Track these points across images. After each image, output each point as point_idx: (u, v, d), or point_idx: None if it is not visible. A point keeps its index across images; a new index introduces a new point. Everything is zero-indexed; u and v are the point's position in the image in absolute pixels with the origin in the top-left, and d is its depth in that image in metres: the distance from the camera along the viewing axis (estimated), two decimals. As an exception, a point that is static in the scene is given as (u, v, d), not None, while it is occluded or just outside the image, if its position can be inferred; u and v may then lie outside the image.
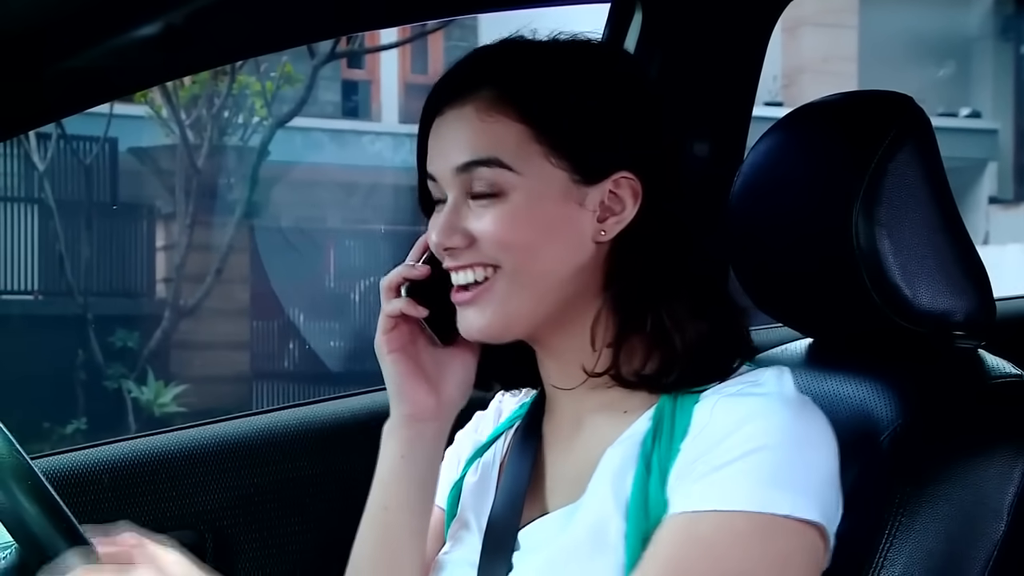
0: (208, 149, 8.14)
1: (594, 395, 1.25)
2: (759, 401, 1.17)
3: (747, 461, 1.13)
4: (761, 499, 1.12)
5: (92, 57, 1.29)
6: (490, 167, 1.20)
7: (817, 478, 1.16)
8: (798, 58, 11.56)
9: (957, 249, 1.38)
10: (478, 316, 1.22)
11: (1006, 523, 1.29)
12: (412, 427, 1.29)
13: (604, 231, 1.22)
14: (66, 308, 8.16)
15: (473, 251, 1.21)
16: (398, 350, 1.28)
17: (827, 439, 1.18)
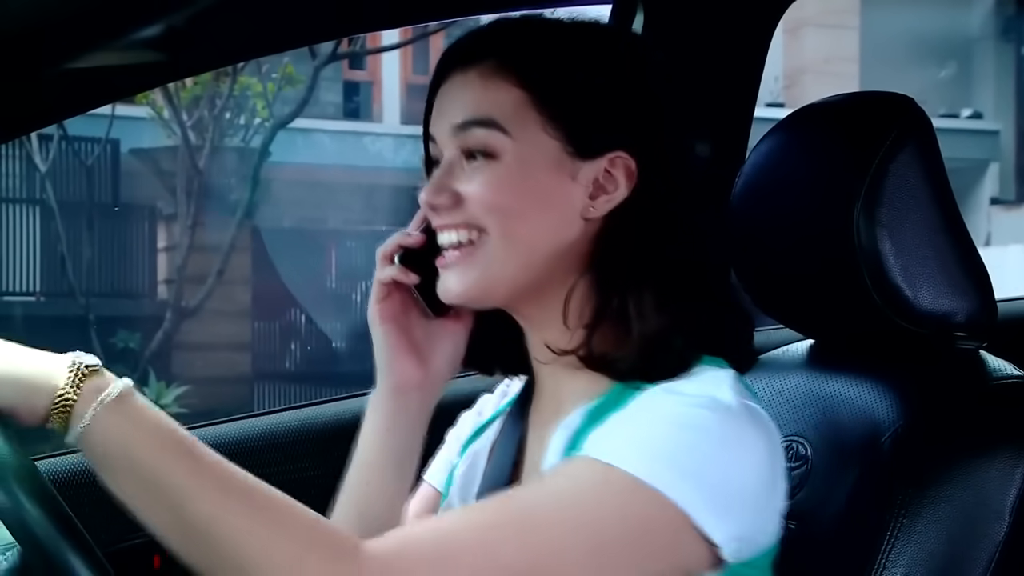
0: (209, 150, 8.15)
1: (573, 378, 1.24)
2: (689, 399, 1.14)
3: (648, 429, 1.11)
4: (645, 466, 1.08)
5: (94, 58, 1.29)
6: (485, 128, 1.20)
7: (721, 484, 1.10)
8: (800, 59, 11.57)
9: (958, 250, 1.38)
10: (458, 279, 1.22)
11: (1008, 524, 1.29)
12: (397, 399, 1.29)
13: (594, 208, 1.21)
14: (67, 309, 8.17)
15: (460, 211, 1.21)
16: (390, 320, 1.28)
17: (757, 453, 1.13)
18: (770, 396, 1.47)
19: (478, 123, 1.20)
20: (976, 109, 12.37)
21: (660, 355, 1.18)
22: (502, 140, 1.20)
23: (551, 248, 1.21)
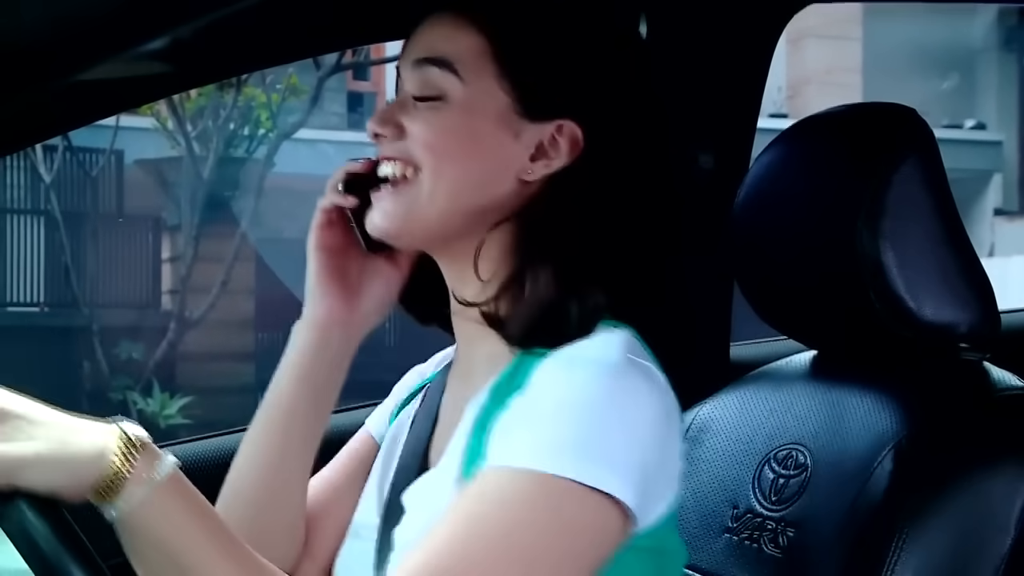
0: (214, 161, 8.17)
1: (483, 340, 1.23)
2: (577, 365, 1.13)
3: (548, 422, 1.10)
4: (551, 460, 1.08)
5: (100, 70, 1.29)
6: (439, 67, 1.20)
7: (623, 449, 1.10)
8: (802, 70, 11.59)
9: (961, 261, 1.38)
10: (383, 214, 1.23)
11: (1013, 537, 1.29)
12: (320, 331, 1.28)
13: (531, 171, 1.20)
14: (72, 320, 8.19)
15: (399, 144, 1.22)
16: (328, 249, 1.29)
17: (645, 409, 1.13)
18: (772, 406, 1.47)
19: (434, 61, 1.21)
20: (979, 120, 12.38)
21: (551, 322, 1.18)
22: (453, 83, 1.20)
23: (478, 199, 1.21)
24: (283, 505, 1.30)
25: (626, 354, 1.14)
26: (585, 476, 1.08)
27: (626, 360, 1.14)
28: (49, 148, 8.06)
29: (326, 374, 1.30)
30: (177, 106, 7.89)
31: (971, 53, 12.34)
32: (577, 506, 1.08)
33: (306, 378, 1.29)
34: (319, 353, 1.29)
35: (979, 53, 12.41)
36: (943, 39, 11.94)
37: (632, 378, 1.13)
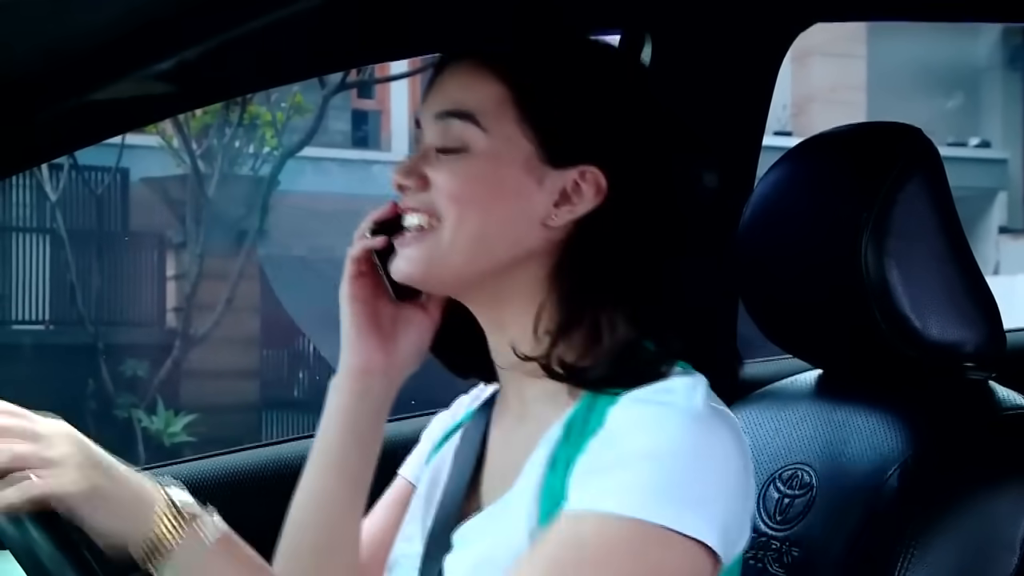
0: (219, 179, 8.17)
1: (536, 384, 1.24)
2: (663, 410, 1.15)
3: (637, 467, 1.11)
4: (642, 506, 1.10)
5: (107, 91, 1.30)
6: (461, 119, 1.22)
7: (710, 495, 1.13)
8: (807, 87, 11.60)
9: (967, 280, 1.38)
10: (406, 259, 1.24)
11: (1018, 556, 1.29)
12: (360, 380, 1.30)
13: (555, 216, 1.21)
14: (77, 337, 8.18)
15: (424, 196, 1.23)
16: (360, 299, 1.30)
17: (730, 457, 1.15)
18: (777, 425, 1.47)
19: (456, 114, 1.22)
20: (984, 138, 12.38)
21: (630, 365, 1.19)
22: (475, 134, 1.21)
23: (505, 248, 1.22)
24: (341, 551, 1.31)
25: (708, 401, 1.16)
26: (676, 522, 1.10)
27: (709, 407, 1.16)
28: (55, 167, 8.06)
29: (370, 421, 1.30)
30: (182, 124, 7.90)
31: (976, 71, 12.35)
32: (666, 552, 1.10)
33: (352, 427, 1.30)
34: (362, 401, 1.30)
35: (984, 71, 12.41)
36: (948, 57, 11.96)
37: (716, 425, 1.15)
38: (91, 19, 1.13)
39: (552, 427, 1.21)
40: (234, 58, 1.40)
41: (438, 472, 1.34)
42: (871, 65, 11.89)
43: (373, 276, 1.30)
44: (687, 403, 1.15)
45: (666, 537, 1.10)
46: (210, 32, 1.18)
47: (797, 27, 1.94)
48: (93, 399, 7.77)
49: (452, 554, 1.23)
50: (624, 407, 1.16)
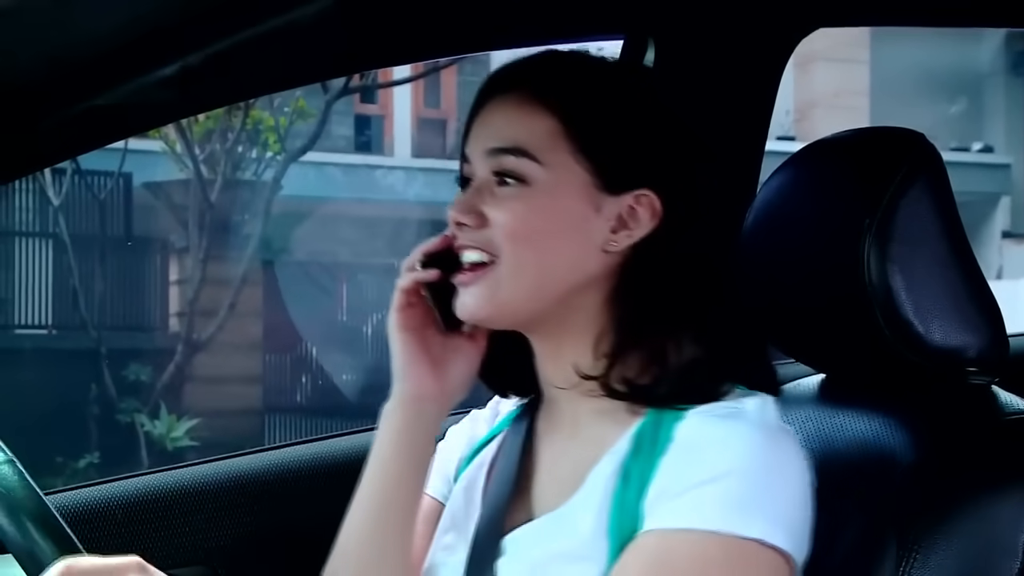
0: (222, 184, 8.17)
1: (590, 401, 1.26)
2: (738, 426, 1.17)
3: (720, 483, 1.14)
4: (731, 521, 1.13)
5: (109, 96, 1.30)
6: (516, 156, 1.23)
7: (787, 507, 1.16)
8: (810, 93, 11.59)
9: (970, 285, 1.38)
10: (472, 298, 1.25)
11: (1021, 560, 1.28)
12: (413, 406, 1.30)
13: (614, 242, 1.24)
14: (79, 342, 8.18)
15: (482, 234, 1.24)
16: (409, 329, 1.31)
17: (799, 471, 1.19)
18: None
19: (510, 151, 1.23)
20: (987, 143, 12.36)
21: (696, 384, 1.22)
22: (533, 168, 1.23)
23: (567, 278, 1.24)
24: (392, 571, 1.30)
25: (777, 418, 1.20)
26: (765, 534, 1.13)
27: (779, 424, 1.20)
28: (58, 171, 8.06)
29: (423, 447, 1.31)
30: (185, 129, 7.90)
31: (979, 77, 12.34)
32: (757, 565, 1.14)
33: (407, 452, 1.30)
34: (415, 426, 1.31)
35: (987, 77, 12.40)
36: (951, 63, 11.95)
37: (787, 441, 1.19)
38: (94, 26, 1.13)
39: (618, 441, 1.23)
40: (237, 63, 1.40)
41: (472, 482, 1.36)
42: (874, 70, 11.88)
43: (422, 306, 1.32)
44: (760, 419, 1.19)
45: (757, 550, 1.13)
46: (213, 38, 1.18)
47: (800, 32, 1.94)
48: (96, 403, 7.76)
49: (505, 559, 1.24)
50: (696, 424, 1.19)
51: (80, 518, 1.62)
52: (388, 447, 1.31)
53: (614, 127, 1.24)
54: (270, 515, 1.76)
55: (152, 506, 1.70)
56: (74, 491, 1.69)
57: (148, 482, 1.73)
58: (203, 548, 1.70)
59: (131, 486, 1.72)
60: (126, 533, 1.66)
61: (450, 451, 1.42)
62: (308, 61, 1.61)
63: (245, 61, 1.42)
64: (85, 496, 1.67)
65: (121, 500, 1.68)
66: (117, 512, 1.66)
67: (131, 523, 1.67)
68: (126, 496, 1.69)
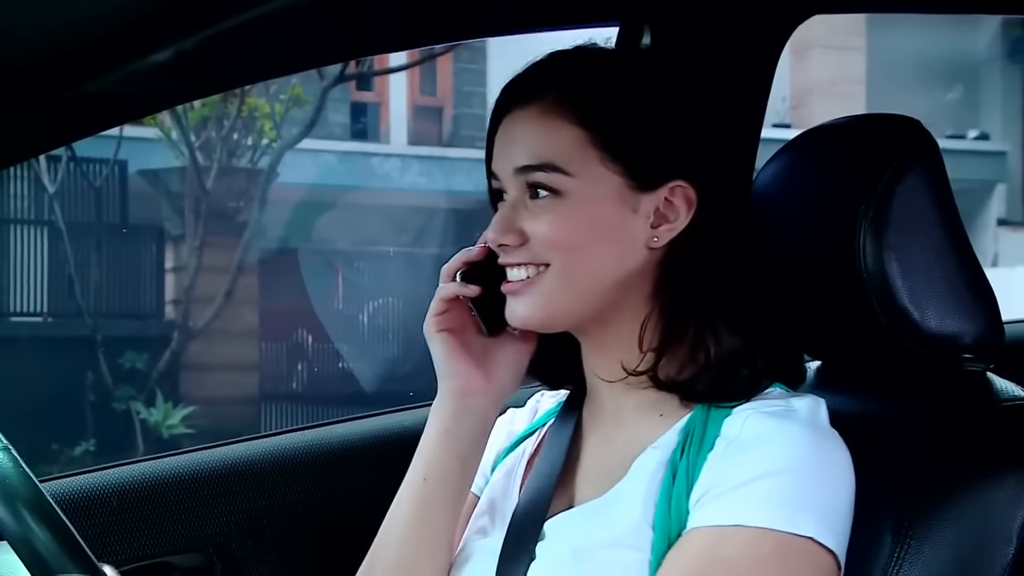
0: (217, 171, 8.16)
1: (635, 393, 1.27)
2: (790, 425, 1.18)
3: (772, 480, 1.15)
4: (785, 519, 1.14)
5: (104, 82, 1.30)
6: (546, 172, 1.23)
7: (836, 508, 1.17)
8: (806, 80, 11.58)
9: (965, 272, 1.38)
10: (523, 307, 1.26)
11: (1016, 547, 1.29)
12: (458, 401, 1.31)
13: (657, 238, 1.25)
14: (75, 330, 8.17)
15: (525, 250, 1.25)
16: (447, 330, 1.31)
17: (848, 473, 1.20)
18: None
19: (540, 167, 1.23)
20: (983, 130, 12.36)
21: (735, 376, 1.23)
22: (565, 181, 1.23)
23: (614, 279, 1.24)
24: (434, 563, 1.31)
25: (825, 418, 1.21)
26: (817, 532, 1.14)
27: (830, 427, 1.21)
28: (53, 159, 8.05)
29: (468, 443, 1.31)
30: (181, 116, 7.89)
31: (975, 64, 12.33)
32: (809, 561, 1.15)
33: (449, 449, 1.31)
34: (463, 420, 1.31)
35: (983, 64, 12.40)
36: (947, 50, 11.94)
37: (838, 444, 1.20)
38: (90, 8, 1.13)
39: (664, 434, 1.24)
40: (233, 48, 1.40)
41: (512, 470, 1.37)
42: (870, 58, 11.87)
43: (460, 309, 1.32)
44: (811, 418, 1.20)
45: (809, 547, 1.14)
46: (209, 22, 1.17)
47: (796, 19, 1.94)
48: (91, 391, 7.76)
49: (545, 543, 1.25)
50: (745, 420, 1.20)
51: (76, 505, 1.62)
52: (433, 444, 1.31)
53: (638, 125, 1.24)
54: (266, 502, 1.76)
55: (148, 493, 1.69)
56: (69, 478, 1.69)
57: (144, 469, 1.73)
58: (198, 535, 1.70)
59: (127, 473, 1.72)
60: (121, 520, 1.66)
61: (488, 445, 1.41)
62: (303, 48, 1.60)
63: (240, 47, 1.41)
64: (81, 483, 1.67)
65: (117, 487, 1.68)
66: (112, 499, 1.66)
67: (126, 510, 1.67)
68: (122, 483, 1.69)
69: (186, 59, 1.26)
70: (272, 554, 1.74)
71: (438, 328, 1.31)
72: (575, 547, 1.22)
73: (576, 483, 1.31)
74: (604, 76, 1.26)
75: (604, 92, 1.25)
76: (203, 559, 1.70)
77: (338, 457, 1.80)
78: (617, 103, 1.24)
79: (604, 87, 1.25)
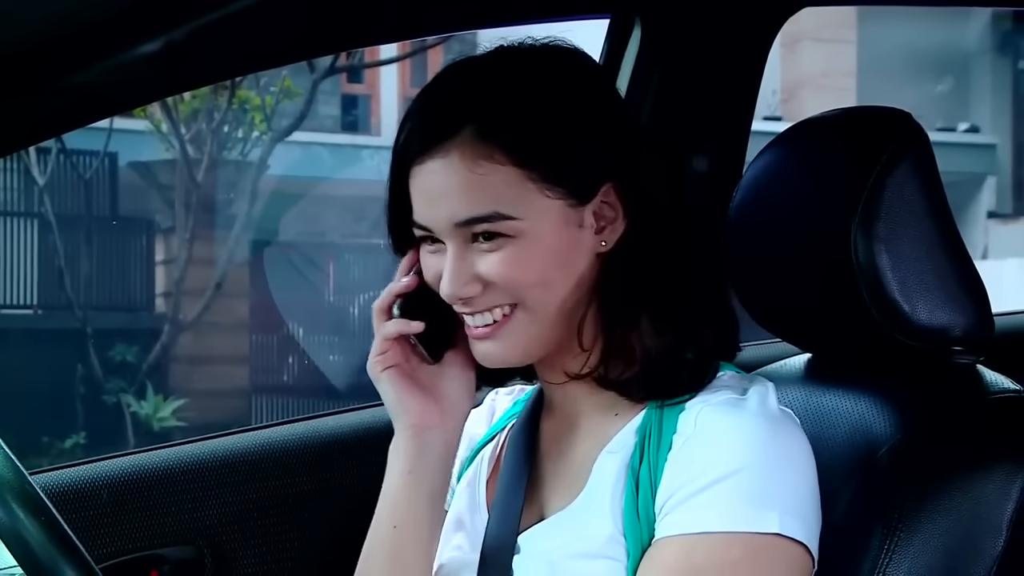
0: (208, 163, 8.15)
1: (588, 395, 1.27)
2: (741, 417, 1.17)
3: (732, 480, 1.14)
4: (750, 519, 1.13)
5: (93, 73, 1.29)
6: (492, 221, 1.19)
7: (799, 497, 1.17)
8: (797, 73, 11.58)
9: (955, 264, 1.38)
10: (499, 350, 1.24)
11: (1005, 539, 1.29)
12: (416, 438, 1.27)
13: (604, 242, 1.23)
14: (65, 322, 8.16)
15: (489, 295, 1.22)
16: (392, 367, 1.28)
17: (807, 458, 1.19)
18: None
19: (486, 218, 1.19)
20: (973, 123, 12.37)
21: (670, 373, 1.21)
22: (514, 225, 1.19)
23: (576, 297, 1.23)
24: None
25: (778, 404, 1.20)
26: (783, 527, 1.13)
27: (781, 410, 1.20)
28: (43, 151, 8.03)
29: (433, 479, 1.28)
30: (171, 109, 7.87)
31: (965, 56, 12.34)
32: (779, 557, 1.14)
33: (415, 490, 1.27)
34: (425, 458, 1.27)
35: (973, 56, 12.40)
36: (938, 43, 11.95)
37: (791, 427, 1.20)
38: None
39: (619, 434, 1.23)
40: (223, 40, 1.39)
41: (474, 482, 1.36)
42: (861, 50, 11.87)
43: (401, 343, 1.29)
44: (762, 408, 1.19)
45: (777, 543, 1.13)
46: (199, 12, 1.17)
47: (786, 12, 1.94)
48: (82, 384, 7.75)
49: (521, 557, 1.24)
50: (698, 416, 1.19)
51: (66, 498, 1.61)
52: (397, 488, 1.27)
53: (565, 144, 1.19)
54: (257, 495, 1.76)
55: (138, 485, 1.69)
56: (60, 471, 1.69)
57: (134, 461, 1.73)
58: (189, 527, 1.70)
59: (117, 465, 1.71)
60: (112, 512, 1.65)
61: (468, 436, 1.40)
62: (294, 39, 1.60)
63: (230, 38, 1.41)
64: (71, 476, 1.66)
65: (107, 479, 1.68)
66: (103, 492, 1.66)
67: (117, 502, 1.66)
68: (112, 475, 1.69)
69: (176, 50, 1.26)
70: (262, 546, 1.74)
71: (383, 367, 1.28)
72: (551, 560, 1.22)
73: (543, 492, 1.30)
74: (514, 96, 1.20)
75: (521, 117, 1.19)
76: (193, 551, 1.70)
77: (329, 449, 1.80)
78: (538, 126, 1.19)
79: (518, 110, 1.19)
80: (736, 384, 1.23)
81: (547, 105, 1.20)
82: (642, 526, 1.17)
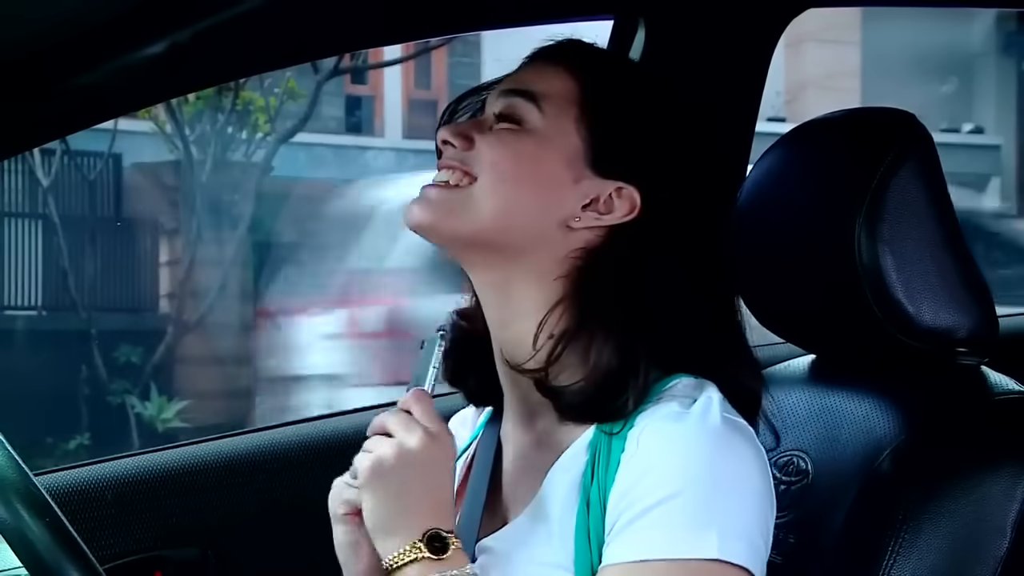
0: (212, 165, 8.15)
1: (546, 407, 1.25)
2: (683, 434, 1.16)
3: (671, 504, 1.13)
4: (687, 545, 1.12)
5: (98, 75, 1.29)
6: (525, 99, 1.25)
7: (742, 518, 1.15)
8: (801, 74, 11.58)
9: (960, 265, 1.38)
10: (423, 209, 1.24)
11: (1010, 540, 1.29)
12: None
13: (578, 219, 1.23)
14: (70, 323, 8.17)
15: (463, 155, 1.25)
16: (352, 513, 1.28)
17: (753, 472, 1.17)
18: (771, 411, 1.46)
19: (521, 93, 1.25)
20: (977, 124, 12.37)
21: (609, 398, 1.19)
22: (534, 113, 1.24)
23: (523, 227, 1.23)
24: None
25: (723, 413, 1.17)
26: (724, 552, 1.12)
27: (726, 421, 1.17)
28: (47, 152, 8.03)
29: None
30: (175, 110, 7.88)
31: (969, 57, 12.33)
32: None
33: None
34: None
35: (977, 57, 12.40)
36: (942, 44, 11.94)
37: (736, 441, 1.17)
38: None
39: (572, 447, 1.22)
40: (227, 42, 1.39)
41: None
42: (865, 51, 11.87)
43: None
44: (704, 423, 1.16)
45: (715, 570, 1.12)
46: (204, 14, 1.17)
47: (790, 13, 1.94)
48: (86, 385, 7.75)
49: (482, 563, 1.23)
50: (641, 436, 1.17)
51: (70, 499, 1.61)
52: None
53: (623, 114, 1.25)
54: (261, 496, 1.76)
55: (143, 486, 1.69)
56: (64, 472, 1.69)
57: (139, 462, 1.73)
58: (194, 529, 1.70)
59: (121, 467, 1.72)
60: (116, 513, 1.66)
61: None
62: (298, 41, 1.60)
63: (234, 40, 1.41)
64: (75, 477, 1.67)
65: (111, 481, 1.68)
66: (107, 493, 1.66)
67: (121, 504, 1.67)
68: (116, 477, 1.69)
69: (180, 52, 1.26)
70: (266, 548, 1.74)
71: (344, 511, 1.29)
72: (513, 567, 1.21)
73: (505, 498, 1.29)
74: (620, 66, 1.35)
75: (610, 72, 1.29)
76: (197, 553, 1.70)
77: (333, 450, 1.80)
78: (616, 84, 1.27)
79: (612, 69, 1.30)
80: (687, 394, 1.20)
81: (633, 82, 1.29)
82: (592, 549, 1.17)
